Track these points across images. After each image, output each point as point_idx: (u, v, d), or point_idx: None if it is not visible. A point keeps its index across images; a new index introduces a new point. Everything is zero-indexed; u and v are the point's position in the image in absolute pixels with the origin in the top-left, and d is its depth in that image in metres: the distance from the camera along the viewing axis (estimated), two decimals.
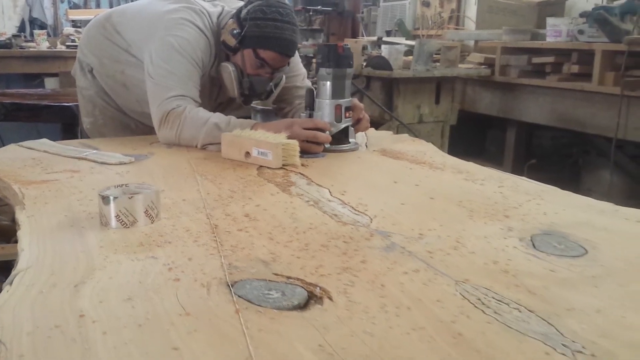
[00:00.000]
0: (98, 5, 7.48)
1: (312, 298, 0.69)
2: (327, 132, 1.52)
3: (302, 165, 1.38)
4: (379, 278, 0.74)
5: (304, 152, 1.44)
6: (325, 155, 1.51)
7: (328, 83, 1.54)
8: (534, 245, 0.86)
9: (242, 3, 1.75)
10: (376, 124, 2.75)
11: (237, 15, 1.66)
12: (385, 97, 3.00)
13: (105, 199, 0.92)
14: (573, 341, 0.59)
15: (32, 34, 5.54)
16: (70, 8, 7.25)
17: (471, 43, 4.04)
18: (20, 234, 0.90)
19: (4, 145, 1.59)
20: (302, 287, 0.71)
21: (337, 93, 1.54)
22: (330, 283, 0.73)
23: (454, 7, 4.66)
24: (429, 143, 1.70)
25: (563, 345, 0.58)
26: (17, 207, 1.04)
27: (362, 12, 5.26)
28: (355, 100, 1.66)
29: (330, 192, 1.15)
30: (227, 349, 0.57)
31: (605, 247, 0.86)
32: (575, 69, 2.88)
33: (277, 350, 0.57)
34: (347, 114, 1.57)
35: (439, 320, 0.63)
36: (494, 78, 3.36)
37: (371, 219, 0.98)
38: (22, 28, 7.00)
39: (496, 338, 0.60)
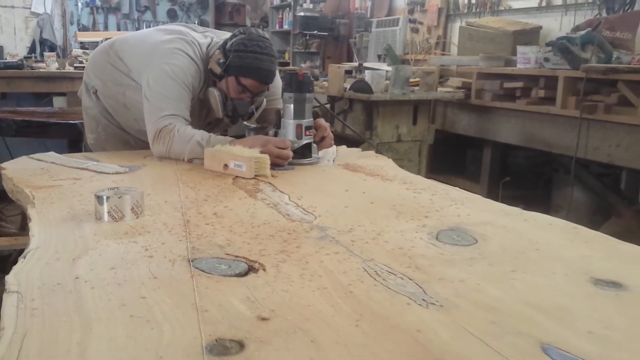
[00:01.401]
0: (106, 28, 7.82)
1: (251, 270, 0.91)
2: (289, 149, 1.74)
3: (272, 176, 1.61)
4: (305, 257, 0.97)
5: (274, 165, 1.68)
6: (294, 168, 1.74)
7: (291, 105, 1.77)
8: (437, 237, 1.09)
9: (229, 35, 2.00)
10: (357, 143, 2.99)
11: (223, 46, 1.90)
12: (366, 117, 3.24)
13: (99, 198, 1.15)
14: (431, 297, 0.81)
15: (42, 55, 5.83)
16: (79, 30, 7.58)
17: (454, 67, 4.28)
18: (31, 224, 1.13)
19: (12, 158, 1.82)
20: (245, 262, 0.94)
21: (298, 114, 1.78)
22: (268, 260, 0.95)
23: (441, 34, 4.93)
24: (389, 159, 1.93)
25: (423, 299, 0.81)
26: (29, 206, 1.27)
27: (355, 38, 5.54)
28: (321, 121, 1.89)
29: (289, 197, 1.38)
30: (179, 298, 0.79)
31: (493, 239, 1.08)
32: (542, 93, 3.12)
33: (215, 300, 0.79)
34: (308, 132, 1.79)
35: (340, 284, 0.86)
36: (470, 101, 3.60)
37: (315, 217, 1.21)
38: (32, 48, 7.32)
39: (376, 294, 0.82)
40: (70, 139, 2.87)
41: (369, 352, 0.66)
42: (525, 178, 3.71)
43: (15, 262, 2.62)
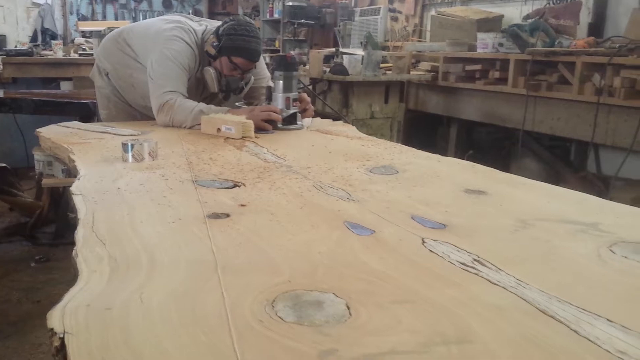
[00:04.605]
0: (104, 17, 8.16)
1: (236, 186, 1.34)
2: (280, 115, 2.17)
3: (256, 137, 2.02)
4: (274, 180, 1.39)
5: (260, 130, 2.10)
6: (274, 132, 2.16)
7: (280, 82, 2.19)
8: (370, 171, 1.51)
9: (220, 22, 2.41)
10: (335, 119, 3.41)
11: (216, 31, 2.31)
12: (343, 97, 3.66)
13: (125, 146, 1.57)
14: (353, 197, 1.24)
15: (44, 43, 6.20)
16: (79, 20, 7.92)
17: (427, 53, 4.70)
18: (76, 164, 1.54)
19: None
20: (232, 182, 1.36)
21: (286, 88, 2.20)
22: (248, 182, 1.37)
23: (417, 22, 5.33)
24: (353, 126, 2.35)
25: (347, 198, 1.23)
26: (69, 154, 1.69)
27: (339, 26, 5.94)
28: (304, 94, 2.31)
29: (267, 150, 1.80)
30: (188, 197, 1.22)
31: (410, 171, 1.51)
32: (497, 74, 3.55)
33: (211, 198, 1.21)
34: (295, 104, 2.22)
35: (294, 192, 1.28)
36: (438, 83, 4.02)
37: (285, 160, 1.63)
38: (34, 38, 7.66)
39: (317, 196, 1.25)
40: (82, 115, 3.25)
41: (304, 218, 1.09)
42: (487, 151, 4.14)
43: (32, 227, 3.15)
